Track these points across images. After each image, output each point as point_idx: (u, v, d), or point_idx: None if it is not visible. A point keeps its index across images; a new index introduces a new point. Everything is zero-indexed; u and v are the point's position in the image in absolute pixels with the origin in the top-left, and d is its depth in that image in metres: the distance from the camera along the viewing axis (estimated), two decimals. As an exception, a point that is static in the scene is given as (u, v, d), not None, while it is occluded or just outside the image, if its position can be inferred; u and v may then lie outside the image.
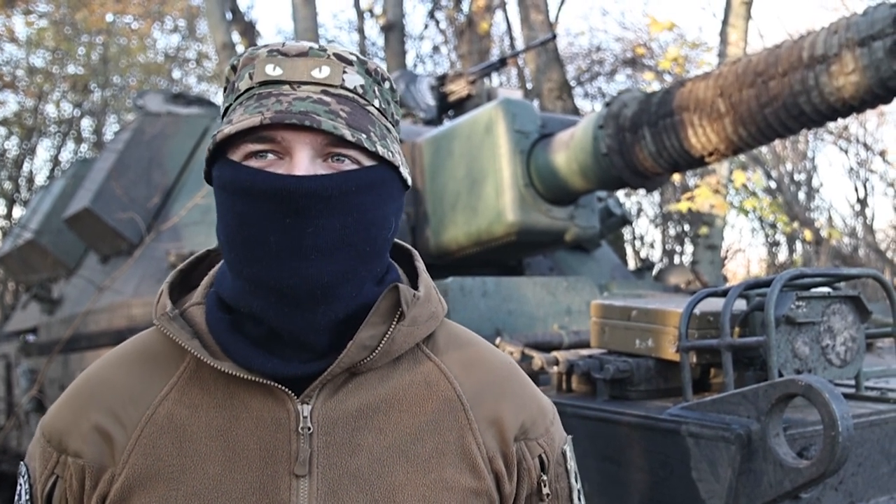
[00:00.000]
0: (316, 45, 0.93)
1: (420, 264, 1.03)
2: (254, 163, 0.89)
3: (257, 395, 0.91)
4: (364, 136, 0.89)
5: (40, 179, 14.69)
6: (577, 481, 1.06)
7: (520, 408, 1.00)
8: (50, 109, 15.01)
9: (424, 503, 0.90)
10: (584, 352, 2.45)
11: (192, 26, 15.59)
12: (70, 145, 15.42)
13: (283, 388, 0.90)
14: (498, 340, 2.66)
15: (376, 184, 0.92)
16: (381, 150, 0.91)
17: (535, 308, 3.08)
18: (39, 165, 16.51)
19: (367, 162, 0.91)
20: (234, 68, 0.96)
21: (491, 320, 2.95)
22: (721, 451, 1.71)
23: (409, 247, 1.06)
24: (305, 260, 0.88)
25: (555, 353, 2.43)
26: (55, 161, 14.87)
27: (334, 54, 0.93)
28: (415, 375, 0.97)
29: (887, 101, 2.37)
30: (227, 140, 0.90)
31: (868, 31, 2.25)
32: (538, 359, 2.42)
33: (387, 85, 0.98)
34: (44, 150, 18.13)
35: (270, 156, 0.89)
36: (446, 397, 0.97)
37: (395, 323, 0.94)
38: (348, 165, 0.90)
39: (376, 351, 0.92)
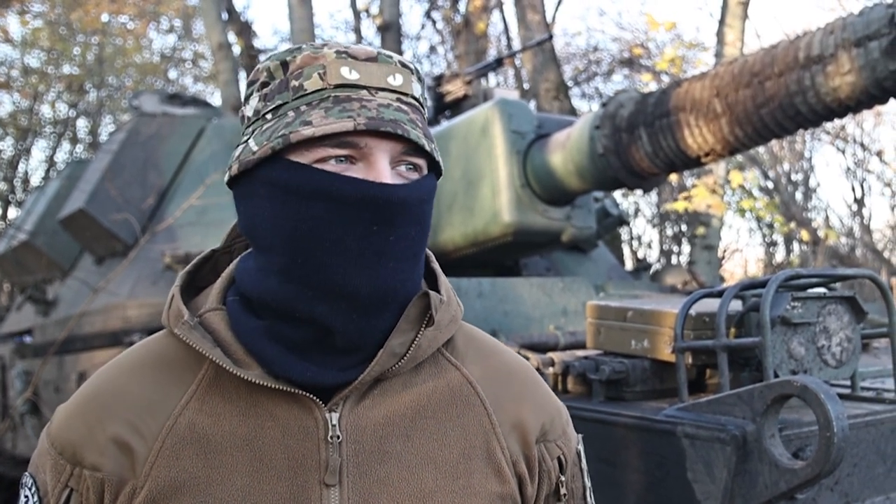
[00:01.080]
0: (380, 50, 0.92)
1: (436, 266, 1.02)
2: (329, 167, 0.87)
3: (282, 403, 0.89)
4: (433, 146, 0.91)
5: (35, 180, 14.67)
6: (588, 480, 1.06)
7: (539, 410, 1.00)
8: (45, 110, 15.00)
9: None
10: (580, 353, 2.45)
11: (187, 26, 15.57)
12: (65, 146, 15.41)
13: (311, 395, 0.89)
14: (494, 341, 2.65)
15: (434, 193, 0.94)
16: (441, 161, 0.94)
17: (531, 309, 3.07)
18: (35, 166, 16.45)
19: (425, 171, 0.92)
20: (284, 65, 0.91)
21: (487, 321, 2.94)
22: (717, 452, 1.71)
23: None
24: (384, 267, 0.88)
25: (551, 354, 2.42)
26: (50, 162, 14.85)
27: (399, 62, 0.92)
28: (438, 381, 0.96)
29: (883, 101, 2.37)
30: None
31: (864, 32, 2.25)
32: (534, 360, 2.42)
33: None
34: (39, 150, 18.19)
35: (344, 161, 0.87)
36: (470, 402, 0.96)
37: (422, 328, 0.93)
38: (413, 174, 0.91)
39: (404, 357, 0.91)
